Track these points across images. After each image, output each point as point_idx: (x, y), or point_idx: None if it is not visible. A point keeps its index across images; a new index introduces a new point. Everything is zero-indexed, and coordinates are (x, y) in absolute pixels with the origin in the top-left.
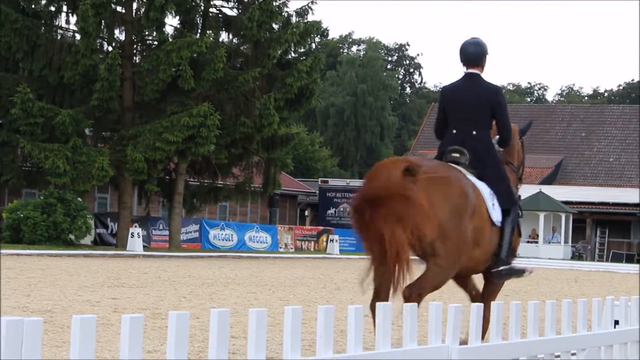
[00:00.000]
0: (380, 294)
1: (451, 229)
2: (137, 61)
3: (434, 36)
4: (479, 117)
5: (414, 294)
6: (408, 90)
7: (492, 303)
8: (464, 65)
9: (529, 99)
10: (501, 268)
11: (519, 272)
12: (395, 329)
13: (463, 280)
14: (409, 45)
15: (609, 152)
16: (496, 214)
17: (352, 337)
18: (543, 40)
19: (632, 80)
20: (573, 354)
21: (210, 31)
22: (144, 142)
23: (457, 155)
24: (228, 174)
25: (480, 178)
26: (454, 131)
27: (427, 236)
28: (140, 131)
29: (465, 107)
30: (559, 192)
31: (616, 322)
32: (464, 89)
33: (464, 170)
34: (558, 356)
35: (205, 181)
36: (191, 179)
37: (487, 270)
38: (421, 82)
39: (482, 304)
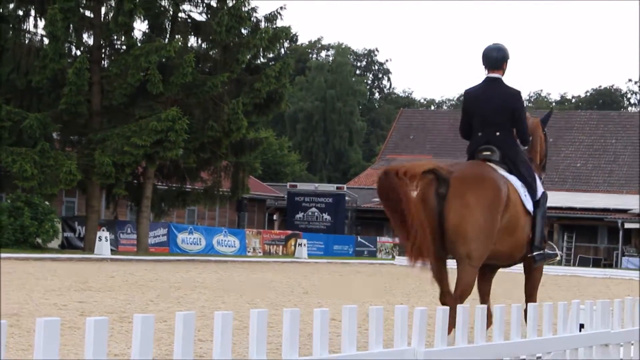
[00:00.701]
0: (444, 287)
1: (486, 227)
2: (106, 65)
3: (403, 42)
4: (501, 120)
5: (459, 302)
6: (377, 95)
7: (458, 307)
8: (485, 68)
9: None
10: (535, 253)
11: (552, 256)
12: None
13: (483, 282)
14: (377, 50)
15: (577, 157)
16: (529, 203)
17: (317, 340)
18: (511, 46)
19: (600, 86)
20: (538, 357)
21: (179, 36)
22: (112, 146)
23: (489, 153)
24: (196, 178)
25: (510, 172)
26: (479, 134)
27: (460, 240)
28: (108, 135)
29: (488, 112)
30: None
31: (581, 326)
32: (485, 94)
33: (494, 166)
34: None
35: (174, 185)
36: (159, 183)
37: (527, 263)
38: (390, 87)
39: (447, 308)
